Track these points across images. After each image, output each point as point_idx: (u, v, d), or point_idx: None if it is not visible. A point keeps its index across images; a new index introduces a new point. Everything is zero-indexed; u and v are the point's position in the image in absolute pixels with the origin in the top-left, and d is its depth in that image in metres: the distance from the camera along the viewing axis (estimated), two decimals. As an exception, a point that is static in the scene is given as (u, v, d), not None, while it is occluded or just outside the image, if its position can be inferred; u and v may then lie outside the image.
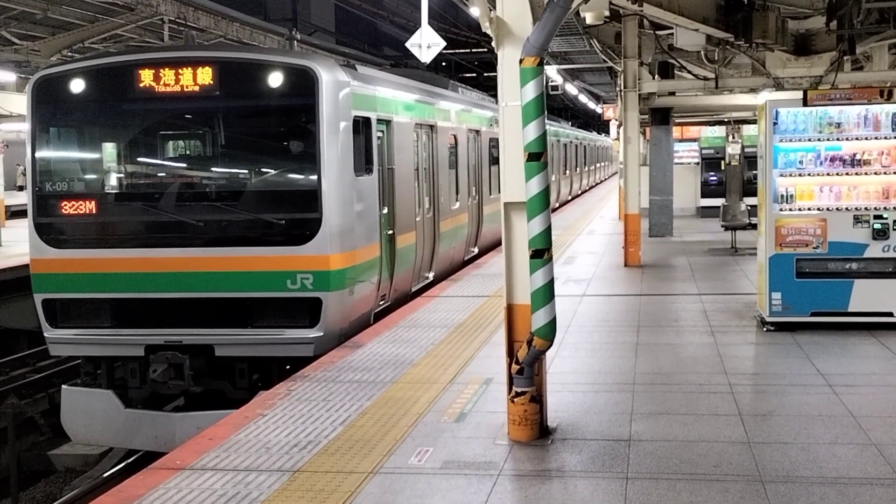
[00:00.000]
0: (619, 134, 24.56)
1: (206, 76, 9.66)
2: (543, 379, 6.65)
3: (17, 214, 27.49)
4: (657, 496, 5.49)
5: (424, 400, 7.59)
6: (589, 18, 12.59)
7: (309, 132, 9.67)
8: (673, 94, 20.33)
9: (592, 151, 47.01)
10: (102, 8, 20.79)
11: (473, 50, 31.50)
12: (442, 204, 14.35)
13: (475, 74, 36.04)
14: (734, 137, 25.68)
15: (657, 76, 18.52)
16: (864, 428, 6.67)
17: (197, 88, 9.66)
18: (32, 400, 13.68)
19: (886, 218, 9.84)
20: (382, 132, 11.44)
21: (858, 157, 9.87)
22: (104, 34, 22.38)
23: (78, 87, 9.86)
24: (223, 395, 9.64)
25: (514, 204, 6.55)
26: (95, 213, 9.94)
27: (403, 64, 25.46)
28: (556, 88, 29.36)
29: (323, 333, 9.61)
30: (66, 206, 9.92)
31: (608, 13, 12.84)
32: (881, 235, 9.84)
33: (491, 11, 6.59)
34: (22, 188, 38.77)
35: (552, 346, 6.41)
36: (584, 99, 40.92)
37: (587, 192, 42.26)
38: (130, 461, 10.47)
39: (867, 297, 9.86)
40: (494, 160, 17.96)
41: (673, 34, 15.26)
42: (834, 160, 9.92)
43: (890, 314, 9.86)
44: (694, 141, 27.59)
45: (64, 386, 10.26)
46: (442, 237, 14.31)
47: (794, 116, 9.92)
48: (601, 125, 53.91)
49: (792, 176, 9.98)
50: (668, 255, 17.43)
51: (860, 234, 9.88)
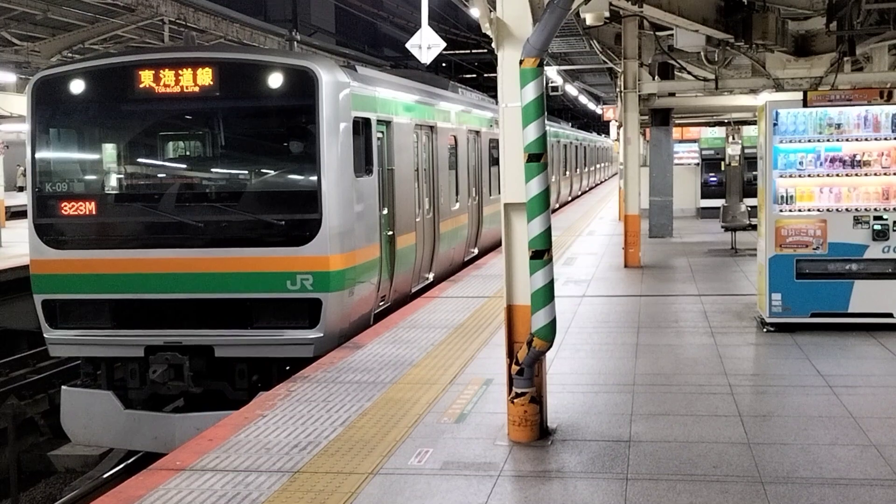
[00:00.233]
0: (618, 135, 24.56)
1: (206, 77, 9.66)
2: (543, 380, 6.65)
3: (17, 215, 27.49)
4: (657, 497, 5.49)
5: (424, 401, 7.58)
6: (589, 19, 12.59)
7: (309, 133, 9.67)
8: (673, 94, 20.35)
9: (592, 152, 47.02)
10: (103, 9, 20.81)
11: (473, 51, 31.53)
12: (442, 205, 14.35)
13: (475, 75, 36.07)
14: (734, 138, 25.69)
15: (657, 77, 18.51)
16: (863, 429, 6.67)
17: (197, 89, 9.66)
18: (32, 400, 13.69)
19: (886, 219, 9.83)
20: (382, 133, 11.44)
21: (858, 158, 9.87)
22: (104, 35, 22.40)
23: (78, 87, 9.86)
24: (223, 395, 9.64)
25: (514, 205, 6.55)
26: (95, 213, 9.94)
27: (403, 65, 25.48)
28: (556, 89, 29.29)
29: (323, 334, 9.61)
30: (65, 206, 9.92)
31: (608, 14, 12.84)
32: (881, 236, 9.84)
33: (491, 12, 6.59)
34: (22, 189, 38.76)
35: (552, 346, 6.41)
36: (584, 100, 40.89)
37: (587, 192, 42.28)
38: (130, 462, 10.47)
39: (867, 298, 9.86)
40: (494, 161, 17.95)
41: (673, 35, 15.26)
42: (834, 161, 9.92)
43: (890, 315, 9.85)
44: (694, 142, 27.58)
45: (64, 387, 10.25)
46: (442, 238, 14.30)
47: (793, 117, 9.92)
48: (601, 126, 53.94)
49: (792, 177, 9.98)
50: (668, 255, 17.44)
51: (860, 235, 9.88)
